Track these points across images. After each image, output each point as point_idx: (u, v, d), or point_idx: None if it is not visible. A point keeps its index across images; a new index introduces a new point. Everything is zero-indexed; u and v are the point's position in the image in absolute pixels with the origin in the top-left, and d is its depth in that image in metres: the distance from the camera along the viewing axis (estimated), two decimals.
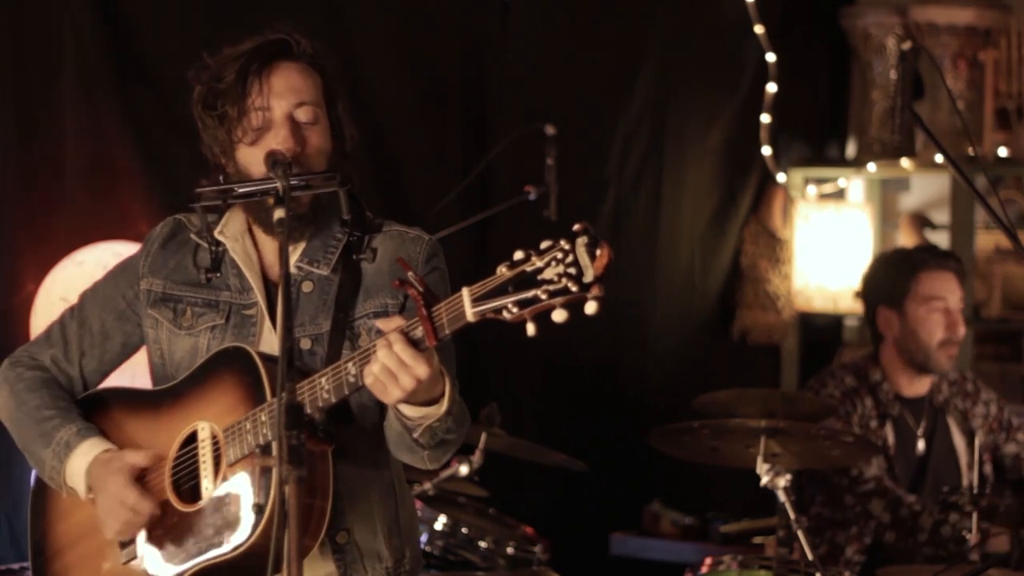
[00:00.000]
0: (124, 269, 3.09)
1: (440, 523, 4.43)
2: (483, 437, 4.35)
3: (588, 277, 2.47)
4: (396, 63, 5.29)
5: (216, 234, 2.99)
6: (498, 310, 2.53)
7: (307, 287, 2.95)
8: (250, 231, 3.01)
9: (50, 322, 3.16)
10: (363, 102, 5.10)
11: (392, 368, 2.63)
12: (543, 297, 2.49)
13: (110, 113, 4.54)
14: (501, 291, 2.52)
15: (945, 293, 4.88)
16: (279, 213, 2.71)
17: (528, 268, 2.50)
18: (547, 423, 5.46)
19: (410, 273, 2.62)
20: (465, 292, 2.56)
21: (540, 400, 5.66)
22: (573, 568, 4.78)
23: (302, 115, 2.91)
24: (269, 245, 2.99)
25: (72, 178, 4.47)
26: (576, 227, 2.50)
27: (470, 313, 2.55)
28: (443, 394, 2.73)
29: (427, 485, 4.38)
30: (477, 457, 4.34)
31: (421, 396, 2.69)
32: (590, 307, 2.48)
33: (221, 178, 2.93)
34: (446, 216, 4.70)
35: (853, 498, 4.75)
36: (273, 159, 2.81)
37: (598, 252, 2.47)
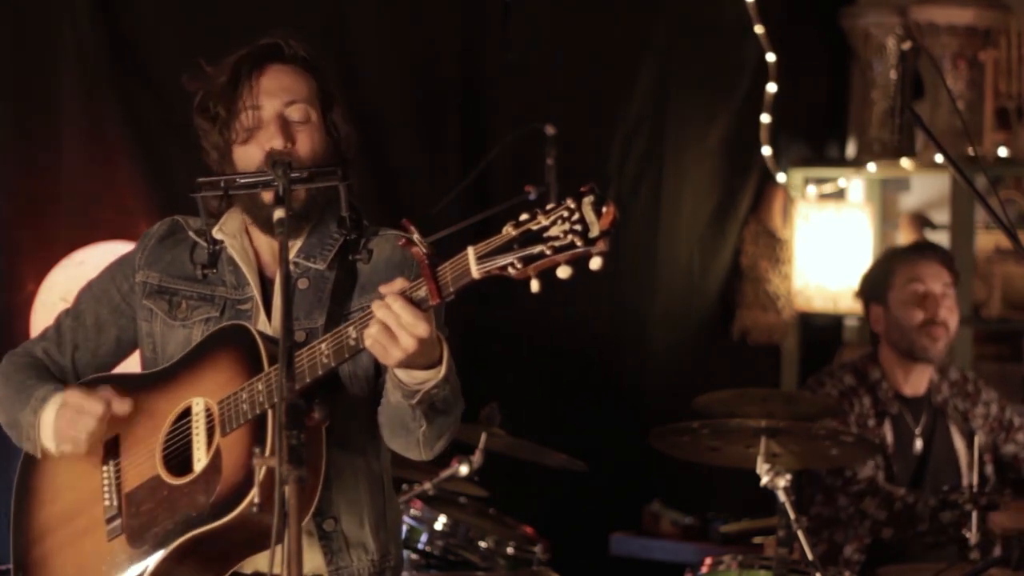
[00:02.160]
0: (120, 264, 3.11)
1: (440, 523, 4.43)
2: (483, 437, 4.35)
3: (594, 232, 2.49)
4: (396, 63, 5.29)
5: (214, 232, 3.01)
6: (503, 267, 2.55)
7: (303, 283, 2.97)
8: (247, 229, 3.03)
9: (50, 322, 3.17)
10: (363, 102, 5.09)
11: (392, 327, 2.64)
12: (548, 253, 2.51)
13: (110, 113, 4.54)
14: (506, 248, 2.54)
15: (923, 276, 4.89)
16: (279, 213, 2.73)
17: (534, 226, 2.53)
18: (547, 423, 5.46)
19: (415, 234, 2.63)
20: (470, 250, 2.58)
21: (540, 400, 5.66)
22: (573, 568, 4.78)
23: (293, 114, 2.94)
24: (266, 243, 3.02)
25: (72, 178, 4.47)
26: (582, 188, 2.53)
27: (475, 270, 2.57)
28: (441, 358, 2.74)
29: (427, 485, 4.38)
30: (477, 457, 4.34)
31: (420, 360, 2.70)
32: (595, 263, 2.50)
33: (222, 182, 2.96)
34: (446, 216, 4.69)
35: (847, 499, 4.75)
36: (273, 159, 2.85)
37: (604, 209, 2.49)
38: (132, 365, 3.15)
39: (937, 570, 4.23)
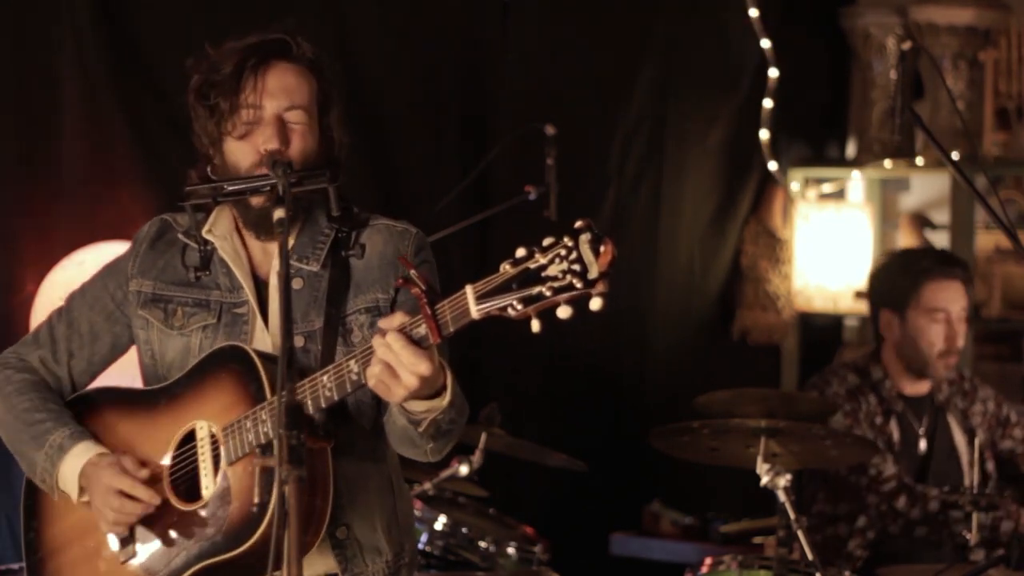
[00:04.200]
0: (112, 270, 3.09)
1: (440, 523, 4.43)
2: (483, 437, 4.35)
3: (592, 274, 2.47)
4: (396, 63, 5.29)
5: (204, 233, 2.99)
6: (502, 308, 2.53)
7: (297, 284, 2.95)
8: (238, 230, 3.01)
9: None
10: (364, 102, 5.10)
11: (393, 365, 2.63)
12: (547, 294, 2.49)
13: (110, 113, 4.54)
14: (505, 288, 2.52)
15: (948, 304, 4.86)
16: (279, 213, 2.72)
17: (532, 265, 2.50)
18: (547, 423, 5.46)
19: (412, 271, 2.62)
20: (469, 289, 2.56)
21: (540, 400, 5.66)
22: (573, 568, 4.78)
23: (291, 117, 2.92)
24: (256, 243, 3.00)
25: (72, 178, 4.47)
26: (578, 224, 2.50)
27: (474, 311, 2.55)
28: (445, 386, 2.73)
29: (427, 485, 4.38)
30: (477, 457, 4.33)
31: (424, 391, 2.69)
32: (595, 303, 2.48)
33: (209, 169, 2.95)
34: (446, 216, 4.70)
35: (877, 497, 4.75)
36: (274, 159, 2.83)
37: (602, 249, 2.47)
38: (129, 364, 3.15)
39: (937, 570, 4.23)
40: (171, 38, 4.56)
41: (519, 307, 2.51)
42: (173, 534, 2.89)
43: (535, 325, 2.52)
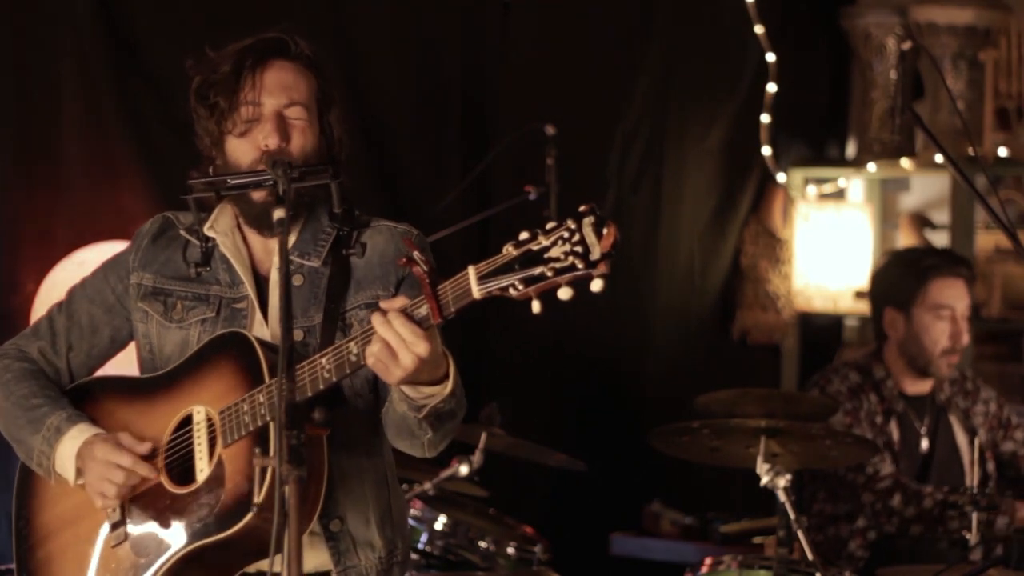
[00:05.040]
0: (114, 264, 3.11)
1: (440, 523, 4.43)
2: (483, 437, 4.35)
3: (595, 255, 2.49)
4: (396, 63, 5.29)
5: (206, 229, 3.01)
6: (504, 288, 2.54)
7: (298, 280, 2.97)
8: (239, 226, 3.03)
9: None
10: (364, 102, 5.10)
11: (392, 344, 2.64)
12: (549, 275, 2.51)
13: (110, 113, 4.54)
14: (507, 269, 2.54)
15: (953, 302, 4.89)
16: (279, 213, 2.73)
17: (534, 247, 2.53)
18: (547, 423, 5.46)
19: (415, 252, 2.63)
20: (471, 270, 2.58)
21: (540, 400, 5.66)
22: (573, 568, 4.78)
23: (291, 113, 2.95)
24: (258, 240, 3.02)
25: (72, 179, 4.47)
26: (582, 208, 2.52)
27: (476, 291, 2.57)
28: (447, 375, 2.74)
29: (427, 485, 4.38)
30: (477, 457, 4.33)
31: (425, 376, 2.71)
32: (596, 284, 2.51)
33: (211, 170, 2.97)
34: (446, 216, 4.70)
35: (872, 495, 4.75)
36: (273, 159, 2.84)
37: (605, 231, 2.50)
38: (124, 363, 3.15)
39: (937, 570, 4.23)
40: (171, 38, 4.56)
41: (520, 287, 2.53)
42: (165, 517, 2.90)
43: (536, 306, 2.53)
